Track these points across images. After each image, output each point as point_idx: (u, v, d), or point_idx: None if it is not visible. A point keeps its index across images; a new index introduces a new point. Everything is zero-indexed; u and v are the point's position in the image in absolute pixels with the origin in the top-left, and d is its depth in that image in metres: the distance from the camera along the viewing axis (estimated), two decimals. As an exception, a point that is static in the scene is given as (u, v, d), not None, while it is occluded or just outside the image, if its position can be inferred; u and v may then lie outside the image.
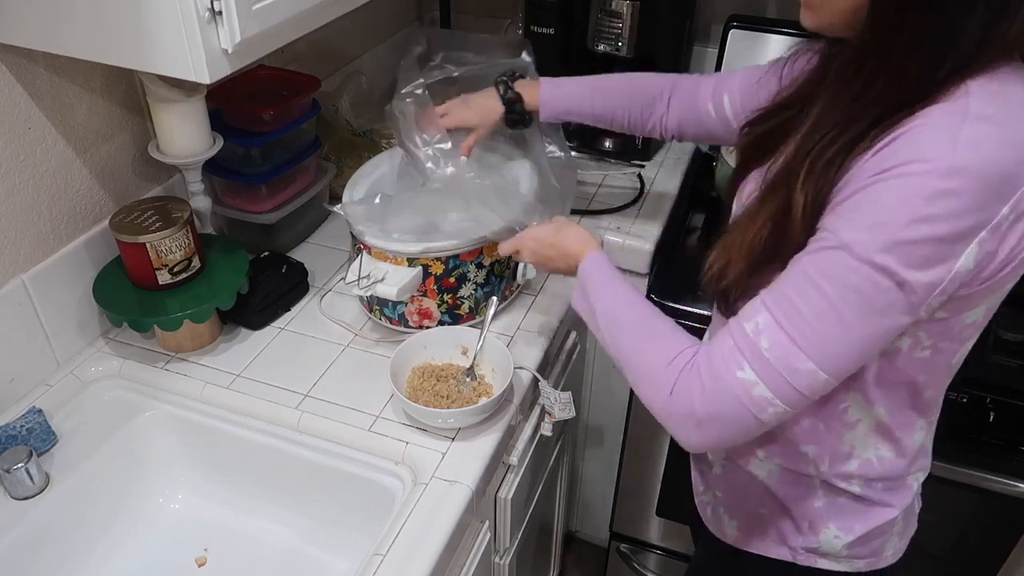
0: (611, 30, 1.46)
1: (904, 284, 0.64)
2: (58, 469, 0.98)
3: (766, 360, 0.67)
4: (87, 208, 1.08)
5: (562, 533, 1.67)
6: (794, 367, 0.67)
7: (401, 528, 0.87)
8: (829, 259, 0.65)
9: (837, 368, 0.67)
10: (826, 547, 0.87)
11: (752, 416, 0.69)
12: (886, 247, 0.63)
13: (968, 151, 0.61)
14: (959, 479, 1.25)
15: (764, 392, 0.68)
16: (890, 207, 0.62)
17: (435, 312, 1.10)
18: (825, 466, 0.83)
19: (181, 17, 0.75)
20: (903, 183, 0.62)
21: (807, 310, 0.66)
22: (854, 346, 0.67)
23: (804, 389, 0.68)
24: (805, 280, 0.66)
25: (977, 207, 0.61)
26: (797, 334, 0.66)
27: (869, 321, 0.65)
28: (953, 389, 1.19)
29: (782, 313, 0.67)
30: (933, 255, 0.63)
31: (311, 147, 1.29)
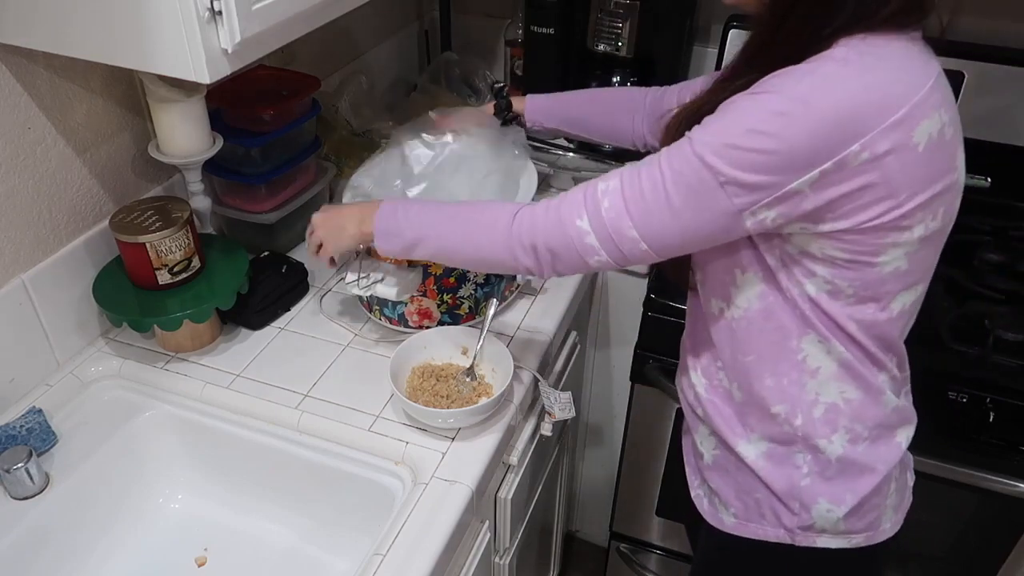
0: (611, 30, 1.46)
1: (726, 185, 0.71)
2: (58, 469, 0.98)
3: (602, 219, 0.77)
4: (87, 208, 1.08)
5: (562, 533, 1.67)
6: (621, 232, 0.77)
7: (401, 528, 0.87)
8: (676, 149, 0.74)
9: (657, 245, 0.77)
10: (821, 523, 0.87)
11: (579, 257, 0.80)
12: (717, 149, 0.70)
13: (819, 85, 0.68)
14: (959, 479, 1.25)
15: (593, 242, 0.79)
16: (734, 117, 0.71)
17: (435, 312, 1.10)
18: (799, 420, 0.85)
19: (181, 17, 0.75)
20: (754, 100, 0.70)
21: (647, 187, 0.75)
22: (675, 230, 0.75)
23: (626, 252, 0.78)
24: (655, 162, 0.75)
25: (816, 135, 0.67)
26: (632, 205, 0.76)
27: (691, 211, 0.73)
28: (953, 389, 1.20)
29: (628, 185, 0.76)
30: (758, 165, 0.69)
31: (311, 147, 1.29)
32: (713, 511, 0.97)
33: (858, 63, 0.68)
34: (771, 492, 0.89)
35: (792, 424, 0.85)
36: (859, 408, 0.84)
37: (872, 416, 0.85)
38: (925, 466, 1.22)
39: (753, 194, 0.71)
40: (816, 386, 0.83)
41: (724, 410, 0.91)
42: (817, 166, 0.68)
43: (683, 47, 1.61)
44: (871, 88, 0.67)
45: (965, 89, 1.41)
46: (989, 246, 1.35)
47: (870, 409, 0.84)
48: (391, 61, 1.72)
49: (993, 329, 1.17)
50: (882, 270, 0.76)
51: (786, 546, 0.90)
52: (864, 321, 0.79)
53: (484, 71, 1.67)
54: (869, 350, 0.81)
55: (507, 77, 1.73)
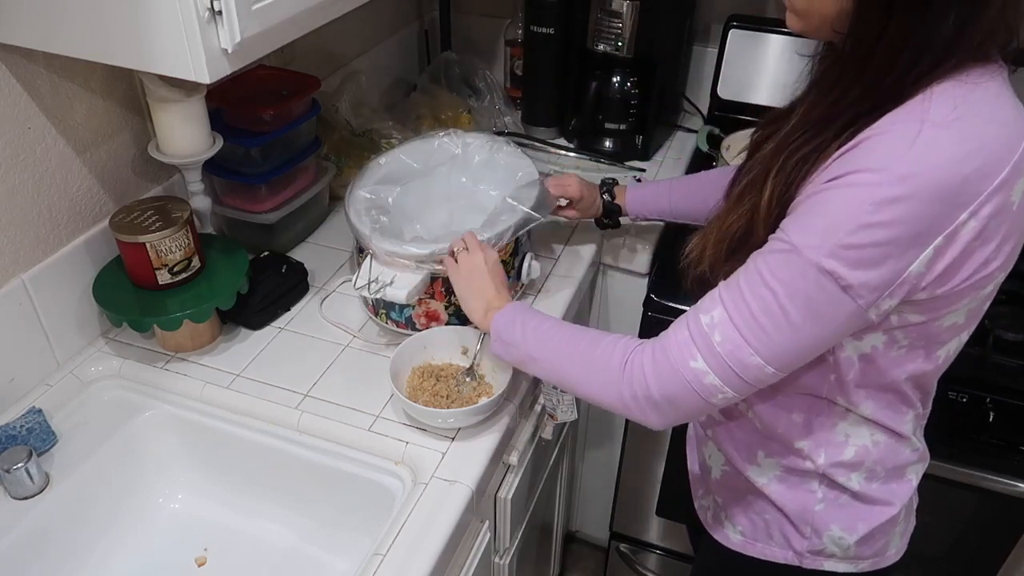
0: (611, 30, 1.46)
1: (849, 288, 0.66)
2: (58, 469, 0.98)
3: (717, 353, 0.71)
4: (87, 208, 1.08)
5: (562, 533, 1.67)
6: (743, 361, 0.71)
7: (401, 528, 0.87)
8: (779, 260, 0.68)
9: (783, 364, 0.71)
10: (831, 548, 0.87)
11: (702, 400, 0.74)
12: (832, 252, 0.65)
13: (921, 158, 0.62)
14: (959, 479, 1.25)
15: (714, 381, 0.72)
16: (838, 212, 0.64)
17: (442, 314, 1.10)
18: (822, 458, 0.83)
19: (181, 17, 0.75)
20: (854, 191, 0.64)
21: (758, 308, 0.69)
22: (801, 344, 0.70)
23: (751, 380, 0.72)
24: (758, 279, 0.69)
25: (929, 213, 0.62)
26: (747, 331, 0.70)
27: (815, 322, 0.68)
28: (953, 389, 1.20)
29: (735, 309, 0.70)
30: (879, 259, 0.64)
31: (311, 147, 1.29)
32: (718, 526, 0.96)
33: (956, 123, 0.62)
34: (783, 515, 0.88)
35: (815, 461, 0.84)
36: (885, 451, 0.83)
37: (893, 459, 0.84)
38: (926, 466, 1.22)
39: (878, 289, 0.66)
40: (847, 428, 0.82)
41: (738, 435, 0.90)
42: (930, 243, 0.64)
43: (683, 47, 1.61)
44: (973, 154, 0.62)
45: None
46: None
47: (892, 452, 0.84)
48: (391, 61, 1.72)
49: (993, 329, 1.17)
50: (941, 325, 0.73)
51: (792, 568, 0.90)
52: (907, 369, 0.77)
53: (484, 71, 1.67)
54: (905, 393, 0.79)
55: (507, 77, 1.73)
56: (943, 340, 0.76)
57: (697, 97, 1.72)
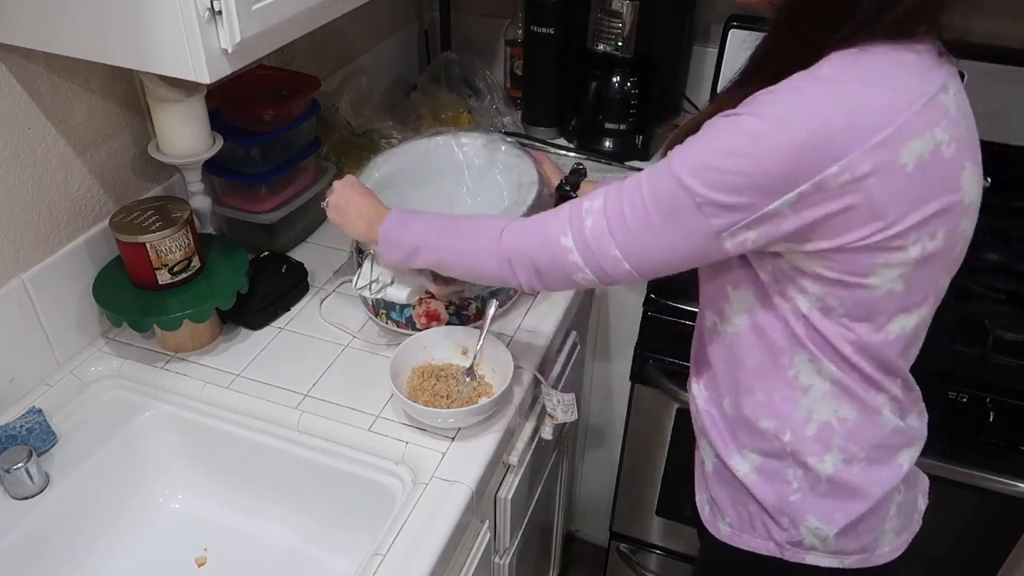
0: (611, 30, 1.46)
1: (701, 206, 0.71)
2: (58, 469, 0.98)
3: (585, 237, 0.79)
4: (87, 208, 1.08)
5: (562, 533, 1.67)
6: (604, 250, 0.78)
7: (401, 528, 0.87)
8: (655, 171, 0.75)
9: (639, 263, 0.77)
10: (810, 540, 0.87)
11: (565, 275, 0.82)
12: (693, 170, 0.71)
13: (797, 107, 0.67)
14: (959, 479, 1.25)
15: (577, 260, 0.80)
16: (712, 140, 0.71)
17: (443, 314, 1.10)
18: (788, 436, 0.84)
19: (181, 17, 0.75)
20: (732, 124, 0.70)
21: (628, 208, 0.76)
22: (656, 250, 0.76)
23: (609, 271, 0.79)
24: (636, 184, 0.76)
25: (794, 157, 0.67)
26: (614, 224, 0.77)
27: (669, 231, 0.74)
28: (953, 389, 1.20)
29: (611, 204, 0.77)
30: (736, 187, 0.69)
31: (311, 147, 1.29)
32: (712, 518, 0.97)
33: (841, 82, 0.67)
34: (761, 506, 0.88)
35: (781, 440, 0.84)
36: (854, 428, 0.83)
37: (868, 437, 0.83)
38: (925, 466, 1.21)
39: (730, 215, 0.70)
40: (809, 403, 0.82)
41: (719, 423, 0.91)
42: (795, 188, 0.67)
43: (683, 47, 1.61)
44: (852, 109, 0.66)
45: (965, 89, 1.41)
46: (989, 246, 1.35)
47: (866, 429, 0.83)
48: (391, 61, 1.72)
49: (993, 329, 1.17)
50: (874, 292, 0.74)
51: (776, 560, 0.90)
52: (858, 342, 0.78)
53: (484, 71, 1.67)
54: (864, 371, 0.80)
55: (507, 77, 1.73)
56: (886, 310, 0.76)
57: (697, 97, 1.72)
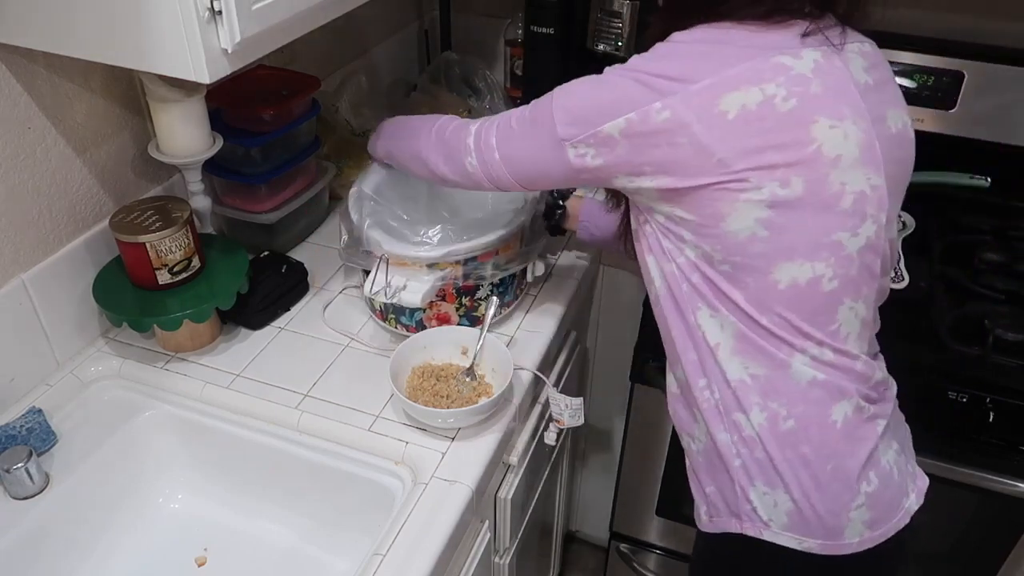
0: (611, 30, 1.46)
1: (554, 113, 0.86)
2: (58, 469, 0.98)
3: (479, 130, 0.95)
4: (87, 208, 1.08)
5: (562, 533, 1.67)
6: (490, 148, 0.93)
7: (401, 528, 0.87)
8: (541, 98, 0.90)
9: (513, 169, 0.92)
10: (763, 510, 0.87)
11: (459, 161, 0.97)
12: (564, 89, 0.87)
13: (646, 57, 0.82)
14: (959, 479, 1.25)
15: (470, 143, 0.95)
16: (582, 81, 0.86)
17: (453, 316, 1.10)
18: (717, 393, 0.87)
19: (181, 17, 0.75)
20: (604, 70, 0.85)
21: (515, 114, 0.92)
22: (525, 155, 0.90)
23: (492, 169, 0.94)
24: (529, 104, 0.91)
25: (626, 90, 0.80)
26: (501, 133, 0.93)
27: (532, 131, 0.89)
28: (953, 389, 1.20)
29: (505, 119, 0.93)
30: (582, 106, 0.84)
31: (311, 147, 1.29)
32: (696, 511, 0.98)
33: (683, 42, 0.81)
34: (717, 478, 0.91)
35: (713, 397, 0.88)
36: (767, 383, 0.84)
37: (784, 391, 0.84)
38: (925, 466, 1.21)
39: (573, 127, 0.84)
40: (722, 360, 0.86)
41: (677, 399, 0.95)
42: (623, 114, 0.79)
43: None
44: (683, 62, 0.79)
45: (965, 89, 1.41)
46: (989, 246, 1.35)
47: (779, 384, 0.84)
48: (391, 61, 1.72)
49: (993, 329, 1.17)
50: (738, 236, 0.79)
51: (738, 537, 0.90)
52: (749, 294, 0.82)
53: (484, 71, 1.67)
54: (763, 324, 0.83)
55: (507, 77, 1.73)
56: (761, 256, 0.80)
57: (697, 97, 1.71)
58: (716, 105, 0.76)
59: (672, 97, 0.77)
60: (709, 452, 0.91)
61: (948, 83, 1.41)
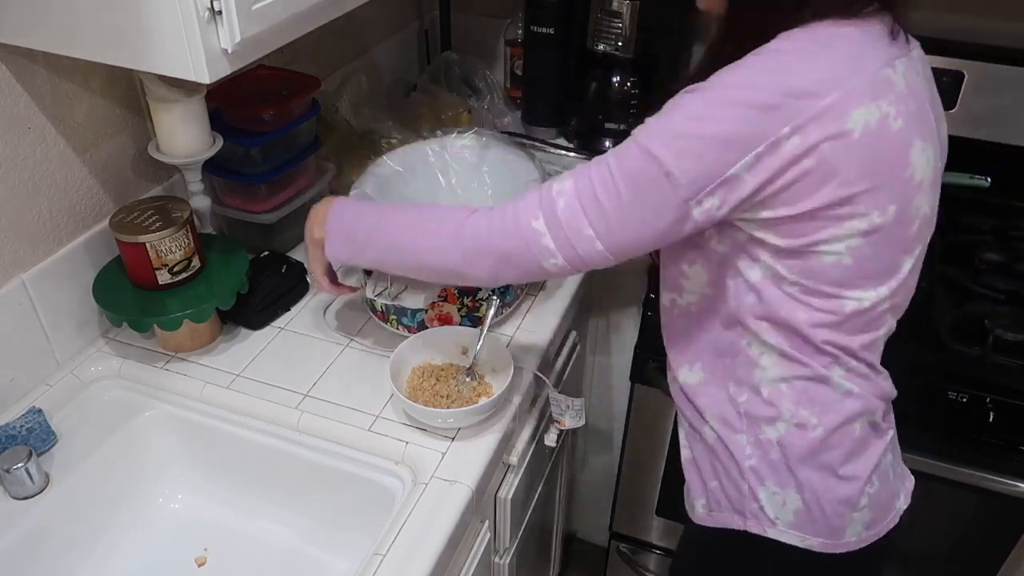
0: (611, 30, 1.46)
1: (670, 175, 0.72)
2: (58, 469, 0.98)
3: (558, 219, 0.78)
4: (87, 208, 1.08)
5: (562, 533, 1.67)
6: (579, 231, 0.77)
7: (401, 528, 0.87)
8: (622, 147, 0.76)
9: (613, 243, 0.77)
10: (770, 509, 0.87)
11: (536, 261, 0.80)
12: (660, 139, 0.73)
13: (749, 75, 0.71)
14: (959, 479, 1.25)
15: (550, 244, 0.79)
16: (675, 110, 0.74)
17: (455, 316, 1.10)
18: (744, 398, 0.86)
19: (181, 17, 0.75)
20: (693, 93, 0.73)
21: (598, 185, 0.76)
22: (628, 226, 0.76)
23: (582, 253, 0.78)
24: (604, 162, 0.77)
25: (750, 120, 0.70)
26: (587, 203, 0.77)
27: (640, 204, 0.74)
28: (953, 389, 1.20)
29: (581, 184, 0.77)
30: (700, 152, 0.71)
31: (311, 147, 1.29)
32: (689, 504, 0.98)
33: (790, 52, 0.72)
34: (725, 475, 0.90)
35: (737, 403, 0.86)
36: (803, 393, 0.84)
37: (819, 402, 0.84)
38: (925, 466, 1.22)
39: (695, 182, 0.72)
40: (760, 371, 0.84)
41: (682, 399, 0.94)
42: (752, 150, 0.70)
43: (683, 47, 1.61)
44: (799, 75, 0.70)
45: (965, 89, 1.41)
46: (989, 246, 1.36)
47: (816, 394, 0.84)
48: (391, 61, 1.72)
49: (993, 329, 1.17)
50: (823, 261, 0.76)
51: (740, 534, 0.90)
52: (811, 315, 0.79)
53: (484, 71, 1.67)
54: (815, 340, 0.81)
55: (507, 77, 1.73)
56: (836, 283, 0.77)
57: (697, 97, 1.71)
58: (845, 123, 0.70)
59: (800, 118, 0.69)
60: (718, 449, 0.90)
61: (948, 83, 1.41)
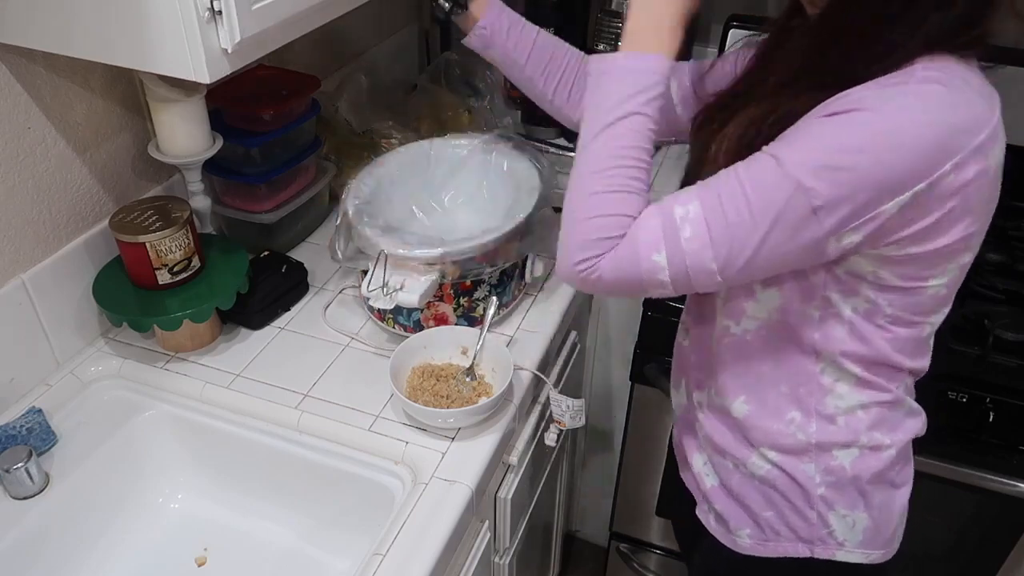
0: (611, 30, 1.46)
1: (819, 209, 0.66)
2: (58, 469, 0.98)
3: (682, 250, 0.70)
4: (87, 208, 1.08)
5: (562, 533, 1.67)
6: (702, 264, 0.70)
7: (401, 528, 0.87)
8: (760, 170, 0.68)
9: (733, 276, 0.71)
10: (841, 533, 0.87)
11: (642, 289, 0.74)
12: (814, 170, 0.65)
13: (914, 103, 0.65)
14: (959, 479, 1.25)
15: (665, 278, 0.72)
16: (829, 137, 0.66)
17: (451, 316, 1.10)
18: (813, 427, 0.84)
19: (181, 17, 0.75)
20: (847, 120, 0.65)
21: (731, 212, 0.69)
22: (759, 259, 0.69)
23: (696, 284, 0.72)
24: (737, 186, 0.69)
25: (915, 156, 0.64)
26: (716, 232, 0.69)
27: (777, 236, 0.68)
28: (953, 389, 1.20)
29: (711, 209, 0.69)
30: (856, 186, 0.65)
31: (311, 147, 1.29)
32: (723, 530, 0.95)
33: (947, 85, 0.66)
34: (786, 504, 0.87)
35: (806, 432, 0.84)
36: (878, 417, 0.83)
37: (890, 424, 0.84)
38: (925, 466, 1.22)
39: (844, 217, 0.66)
40: (836, 396, 0.82)
41: (726, 428, 0.89)
42: (911, 187, 0.65)
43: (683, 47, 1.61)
44: (960, 107, 0.66)
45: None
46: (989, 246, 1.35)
47: (889, 417, 0.84)
48: (391, 61, 1.72)
49: (993, 329, 1.17)
50: (923, 294, 0.74)
51: (803, 561, 0.89)
52: (893, 340, 0.78)
53: (484, 71, 1.67)
54: (892, 365, 0.80)
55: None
56: (926, 311, 0.77)
57: (697, 97, 1.71)
58: (987, 160, 0.67)
59: (960, 155, 0.65)
60: (774, 479, 0.87)
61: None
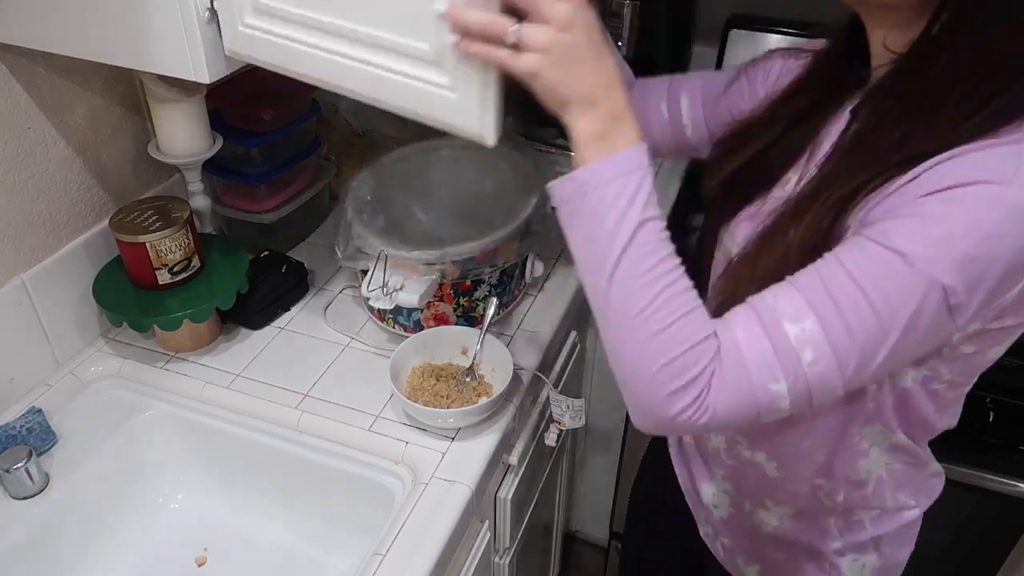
0: (611, 30, 1.46)
1: (958, 307, 0.57)
2: (58, 469, 0.98)
3: (804, 376, 0.60)
4: (87, 208, 1.08)
5: (562, 533, 1.67)
6: (827, 388, 0.60)
7: (401, 528, 0.87)
8: (882, 265, 0.57)
9: (853, 386, 0.62)
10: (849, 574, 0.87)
11: (754, 421, 0.63)
12: (952, 265, 0.55)
13: None
14: (959, 479, 1.25)
15: (785, 405, 0.61)
16: (959, 219, 0.55)
17: (451, 316, 1.10)
18: (841, 496, 0.81)
19: (181, 17, 0.75)
20: (974, 198, 0.55)
21: (855, 324, 0.58)
22: (884, 366, 0.60)
23: (816, 403, 0.62)
24: (853, 286, 0.58)
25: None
26: (843, 352, 0.59)
27: (906, 341, 0.59)
28: (953, 389, 1.20)
29: (832, 326, 0.58)
30: (995, 276, 0.56)
31: (311, 147, 1.29)
32: (732, 562, 0.94)
33: None
34: (799, 552, 0.87)
35: (833, 500, 0.82)
36: (903, 478, 0.82)
37: (915, 484, 0.84)
38: (925, 466, 1.22)
39: (977, 308, 0.58)
40: (867, 464, 0.79)
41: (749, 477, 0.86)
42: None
43: (683, 47, 1.61)
44: None
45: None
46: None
47: (914, 477, 0.83)
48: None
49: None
50: (981, 358, 0.69)
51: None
52: (938, 404, 0.74)
53: (484, 71, 1.67)
54: (929, 426, 0.77)
55: (507, 77, 1.73)
56: (978, 371, 0.72)
57: (697, 97, 1.71)
58: None
59: None
60: (787, 531, 0.86)
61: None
